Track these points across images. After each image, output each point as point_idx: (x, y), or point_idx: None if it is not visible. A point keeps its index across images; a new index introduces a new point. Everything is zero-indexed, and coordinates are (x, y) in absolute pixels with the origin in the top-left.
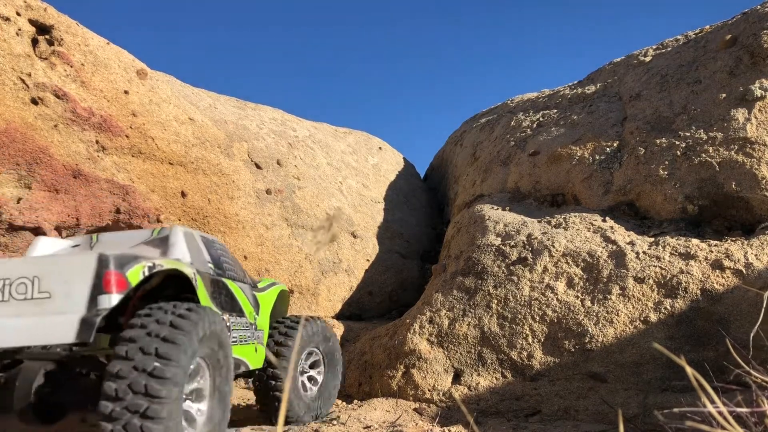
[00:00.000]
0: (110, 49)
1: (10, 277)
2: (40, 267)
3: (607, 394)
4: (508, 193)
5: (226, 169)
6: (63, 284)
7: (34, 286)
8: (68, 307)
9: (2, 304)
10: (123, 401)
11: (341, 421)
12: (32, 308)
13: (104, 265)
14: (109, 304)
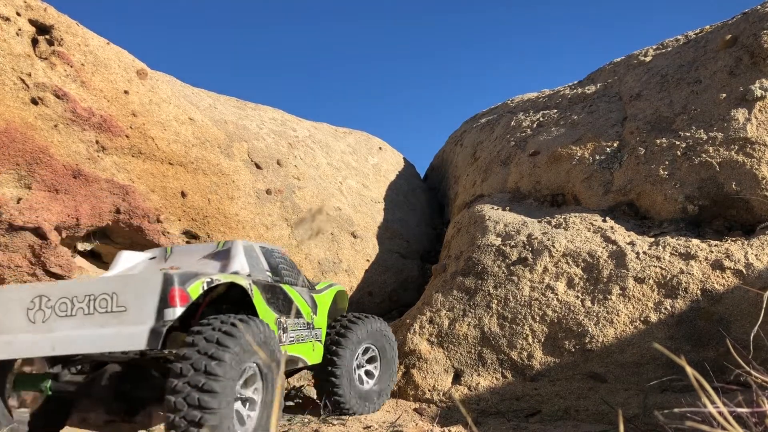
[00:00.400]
0: (110, 49)
1: (94, 293)
2: (117, 285)
3: (607, 394)
4: (508, 193)
5: (226, 169)
6: (136, 299)
7: (113, 301)
8: (141, 318)
9: (89, 317)
10: (181, 411)
11: (341, 421)
12: (112, 320)
13: (169, 282)
14: (174, 316)
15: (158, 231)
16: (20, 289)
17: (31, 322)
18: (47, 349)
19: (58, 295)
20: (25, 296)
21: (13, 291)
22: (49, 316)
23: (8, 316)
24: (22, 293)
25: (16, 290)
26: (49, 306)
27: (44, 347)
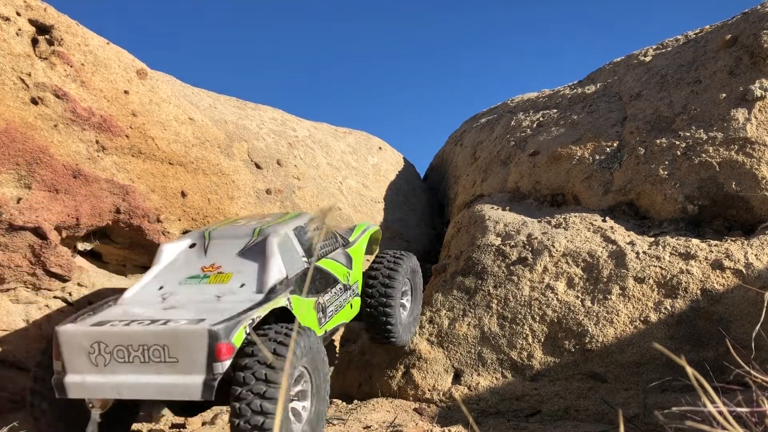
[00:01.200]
0: (110, 49)
1: (147, 343)
2: (167, 337)
3: (607, 394)
4: (508, 193)
5: (226, 169)
6: (186, 352)
7: (165, 352)
8: (192, 370)
9: (145, 365)
10: (245, 416)
11: (341, 420)
12: (167, 369)
13: (215, 338)
14: (222, 369)
15: (158, 231)
16: (79, 334)
17: (94, 365)
18: (114, 393)
19: (115, 342)
20: (84, 342)
21: (73, 334)
22: (110, 361)
23: (74, 357)
24: (81, 338)
25: (75, 334)
26: (108, 351)
27: (111, 391)
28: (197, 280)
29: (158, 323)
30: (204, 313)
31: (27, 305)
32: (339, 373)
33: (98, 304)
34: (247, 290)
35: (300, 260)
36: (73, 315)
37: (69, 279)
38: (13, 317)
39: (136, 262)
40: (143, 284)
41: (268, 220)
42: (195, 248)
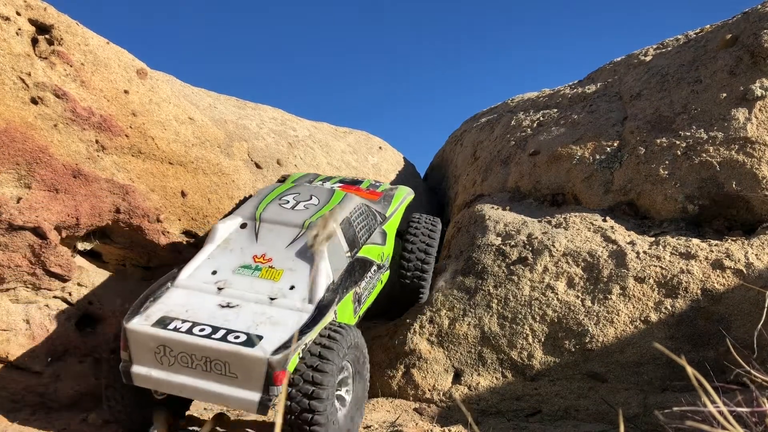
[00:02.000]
0: (110, 49)
1: (209, 357)
2: (229, 357)
3: (608, 394)
4: (508, 193)
5: (226, 168)
6: (245, 372)
7: (225, 368)
8: (251, 387)
9: (207, 374)
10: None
11: None
12: (227, 381)
13: (273, 367)
14: (277, 392)
15: (158, 231)
16: (145, 335)
17: (159, 363)
18: (176, 391)
19: (179, 349)
20: (151, 343)
21: (140, 334)
22: (174, 363)
23: (141, 352)
24: (148, 339)
25: (142, 334)
26: (172, 355)
27: (173, 388)
28: (249, 271)
29: (220, 337)
30: (260, 326)
31: (27, 305)
32: None
33: (157, 285)
34: (297, 295)
35: (344, 257)
36: (138, 300)
37: (69, 279)
38: (13, 317)
39: (136, 261)
40: (197, 265)
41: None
42: (246, 229)
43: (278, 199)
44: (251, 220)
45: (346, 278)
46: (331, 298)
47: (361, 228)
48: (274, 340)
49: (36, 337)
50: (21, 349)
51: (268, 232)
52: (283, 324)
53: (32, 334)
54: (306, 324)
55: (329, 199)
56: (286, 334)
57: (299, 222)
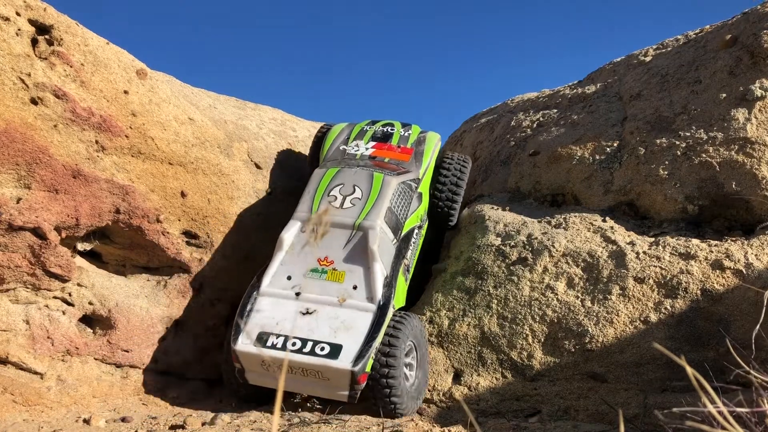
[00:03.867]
0: (110, 49)
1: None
2: (321, 368)
3: (607, 394)
4: (508, 193)
5: (225, 169)
6: (335, 378)
7: (319, 375)
8: (340, 387)
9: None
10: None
11: (341, 421)
12: (321, 383)
13: (355, 375)
14: (360, 389)
15: (158, 231)
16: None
17: (266, 371)
18: (284, 388)
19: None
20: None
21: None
22: (278, 371)
23: (250, 365)
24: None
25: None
26: (276, 366)
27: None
28: (317, 274)
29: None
30: (338, 332)
31: (27, 305)
32: None
33: (246, 296)
34: (360, 295)
35: (392, 246)
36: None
37: (69, 279)
38: (13, 317)
39: (136, 262)
40: (274, 272)
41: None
42: (305, 234)
43: (326, 195)
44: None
45: (396, 262)
46: (388, 294)
47: (401, 208)
48: (351, 348)
49: (36, 337)
50: (21, 350)
51: (325, 235)
52: (354, 328)
53: (32, 335)
54: (373, 327)
55: (370, 189)
56: (360, 338)
57: (350, 223)
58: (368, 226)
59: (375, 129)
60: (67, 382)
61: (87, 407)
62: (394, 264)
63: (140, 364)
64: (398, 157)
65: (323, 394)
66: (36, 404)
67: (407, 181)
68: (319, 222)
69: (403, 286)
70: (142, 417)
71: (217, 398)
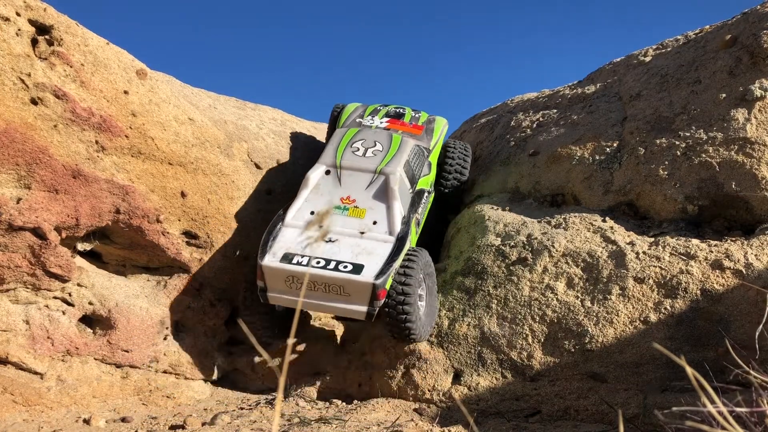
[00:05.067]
0: (110, 49)
1: (328, 283)
2: (343, 282)
3: (607, 394)
4: (508, 193)
5: (225, 169)
6: (356, 292)
7: (341, 290)
8: (360, 302)
9: (327, 294)
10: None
11: (341, 421)
12: (342, 299)
13: (375, 288)
14: (379, 305)
15: (158, 231)
16: (278, 270)
17: (289, 288)
18: (303, 307)
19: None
20: (281, 275)
21: (273, 269)
22: (300, 288)
23: (274, 282)
24: (279, 273)
25: (275, 269)
26: (299, 282)
27: (304, 305)
28: (340, 210)
29: (333, 268)
30: (359, 255)
31: (27, 305)
32: (339, 373)
33: (272, 226)
34: (380, 228)
35: (408, 194)
36: (264, 237)
37: (69, 279)
38: (13, 317)
39: (136, 262)
40: (298, 207)
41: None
42: (330, 176)
43: (350, 146)
44: (333, 168)
45: (411, 210)
46: (405, 230)
47: (416, 166)
48: (373, 267)
49: (36, 337)
50: (21, 350)
51: (348, 177)
52: (375, 253)
53: (32, 335)
54: (392, 253)
55: (390, 144)
56: (380, 261)
57: (372, 168)
58: (389, 171)
59: (388, 109)
60: (67, 382)
61: (87, 407)
62: (410, 210)
63: (140, 364)
64: (411, 131)
65: (342, 312)
66: (36, 404)
67: (421, 146)
68: (320, 222)
69: (414, 236)
70: (142, 417)
71: (217, 398)
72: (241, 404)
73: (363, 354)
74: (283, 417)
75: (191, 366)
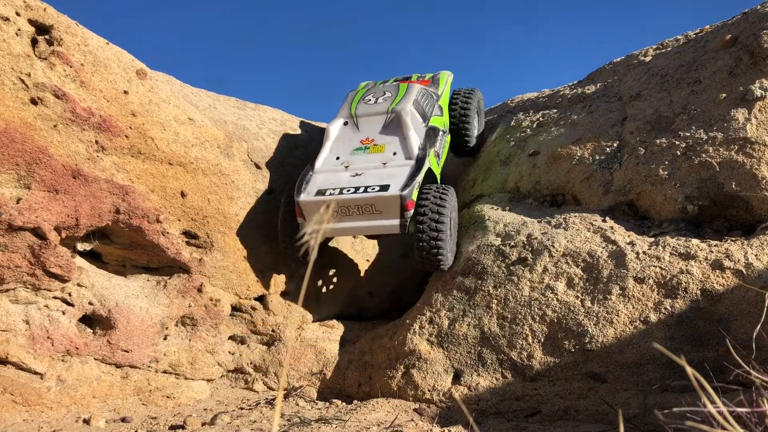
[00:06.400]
0: (110, 49)
1: (359, 204)
2: (374, 200)
3: (607, 394)
4: (508, 193)
5: (225, 169)
6: (387, 208)
7: (373, 208)
8: (391, 217)
9: (360, 215)
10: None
11: (340, 421)
12: (375, 217)
13: (404, 199)
14: (409, 216)
15: (158, 231)
16: (313, 202)
17: None
18: (341, 232)
19: (339, 206)
20: (317, 206)
21: (309, 202)
22: (336, 215)
23: (311, 214)
24: (315, 204)
25: (311, 202)
26: (335, 210)
27: (339, 231)
28: (362, 151)
29: (363, 190)
30: (384, 179)
31: (27, 305)
32: (339, 373)
33: (303, 174)
34: (399, 157)
35: (421, 126)
36: (299, 180)
37: (68, 279)
38: (13, 317)
39: (136, 262)
40: (324, 156)
41: (388, 96)
42: (348, 126)
43: (362, 100)
44: (350, 118)
45: (426, 140)
46: (422, 154)
47: (426, 105)
48: (398, 183)
49: (36, 337)
50: (21, 350)
51: (364, 123)
52: (398, 175)
53: (32, 335)
54: (413, 171)
55: (398, 92)
56: (404, 178)
57: (384, 110)
58: (400, 108)
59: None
60: (67, 382)
61: (87, 407)
62: (425, 140)
63: (140, 364)
64: (420, 83)
65: (378, 230)
66: (36, 404)
67: (429, 90)
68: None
69: (436, 166)
70: (142, 417)
71: (217, 398)
72: (241, 404)
73: (363, 354)
74: (283, 417)
75: (191, 366)
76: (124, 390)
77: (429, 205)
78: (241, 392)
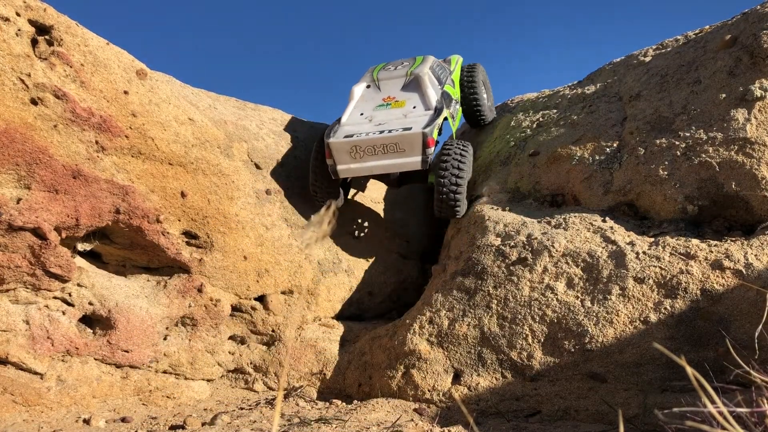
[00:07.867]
0: (110, 50)
1: (384, 143)
2: (398, 139)
3: (607, 394)
4: (508, 193)
5: (225, 169)
6: (410, 145)
7: (397, 147)
8: (414, 154)
9: (386, 154)
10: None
11: (340, 421)
12: (399, 155)
13: (426, 136)
14: (431, 153)
15: (158, 231)
16: (343, 143)
17: (353, 158)
18: (367, 171)
19: (366, 145)
20: (347, 147)
21: (340, 143)
22: (363, 156)
23: (341, 156)
24: (344, 145)
25: (341, 143)
26: (361, 150)
27: (366, 170)
28: (384, 107)
29: (389, 132)
30: (406, 125)
31: (27, 305)
32: (339, 373)
33: (330, 128)
34: (419, 110)
35: (437, 88)
36: (327, 131)
37: (69, 279)
38: (13, 317)
39: (136, 262)
40: (349, 113)
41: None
42: (371, 88)
43: (383, 68)
44: (372, 82)
45: (442, 100)
46: (440, 106)
47: (441, 73)
48: (419, 125)
49: (36, 337)
50: (21, 350)
51: (386, 84)
52: (419, 121)
53: (32, 335)
54: (433, 116)
55: (415, 61)
56: (425, 121)
57: (404, 73)
58: (418, 71)
59: None
60: (67, 382)
61: (87, 407)
62: (441, 98)
63: (140, 364)
64: None
65: (401, 167)
66: (36, 404)
67: (442, 63)
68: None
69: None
70: (142, 417)
71: (217, 398)
72: (241, 404)
73: (363, 354)
74: (283, 417)
75: (191, 366)
76: (124, 390)
77: (450, 160)
78: (241, 392)
